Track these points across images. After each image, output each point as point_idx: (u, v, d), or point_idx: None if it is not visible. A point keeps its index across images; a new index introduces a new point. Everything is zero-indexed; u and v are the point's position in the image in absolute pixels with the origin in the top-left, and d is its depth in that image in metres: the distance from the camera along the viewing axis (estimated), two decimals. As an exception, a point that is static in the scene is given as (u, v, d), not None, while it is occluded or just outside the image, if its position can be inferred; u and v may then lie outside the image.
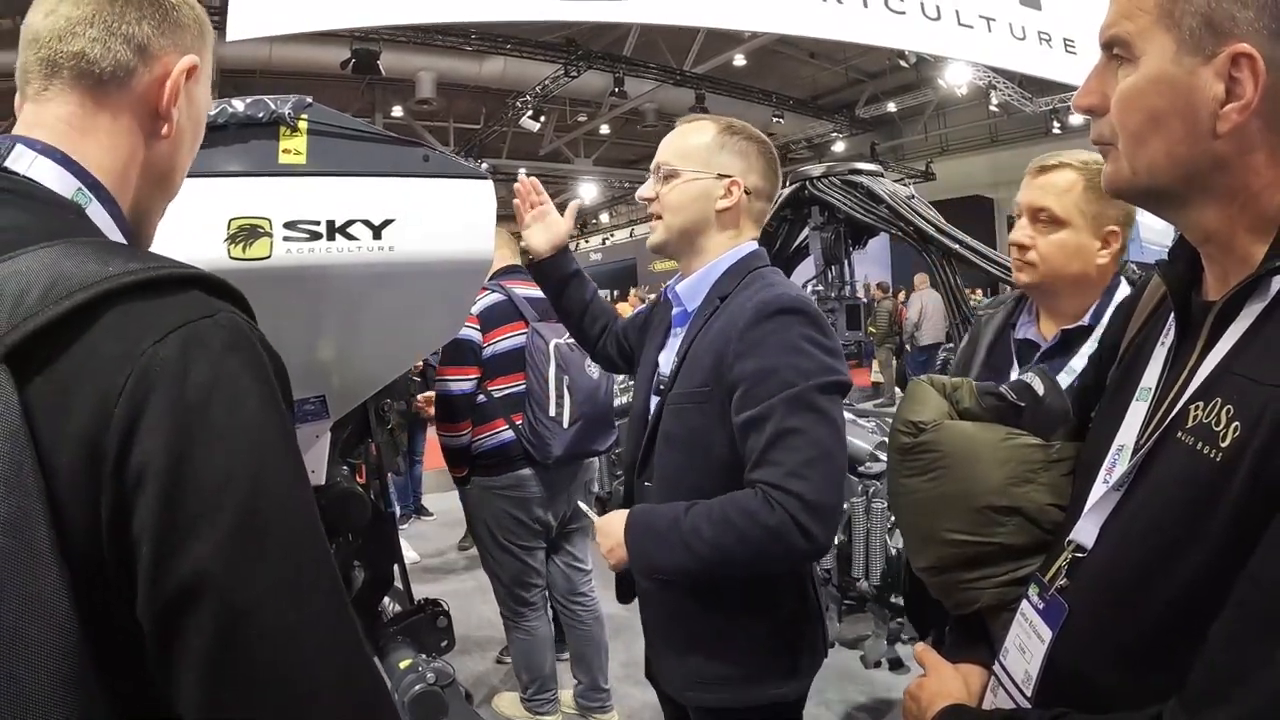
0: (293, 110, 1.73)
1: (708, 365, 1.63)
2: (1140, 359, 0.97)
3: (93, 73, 0.89)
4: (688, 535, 1.53)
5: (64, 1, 0.90)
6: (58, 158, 0.87)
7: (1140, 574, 0.81)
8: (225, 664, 0.68)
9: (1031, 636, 0.95)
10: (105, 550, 0.68)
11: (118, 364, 0.68)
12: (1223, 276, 0.86)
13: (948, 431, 1.17)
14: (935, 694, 1.07)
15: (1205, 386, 0.81)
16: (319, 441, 2.18)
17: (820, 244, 4.86)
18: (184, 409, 0.69)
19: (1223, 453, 0.74)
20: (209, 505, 0.68)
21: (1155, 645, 0.79)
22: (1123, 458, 0.91)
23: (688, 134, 1.79)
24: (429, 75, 13.89)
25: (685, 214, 1.75)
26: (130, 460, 0.67)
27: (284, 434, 0.77)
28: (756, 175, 1.77)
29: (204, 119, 1.05)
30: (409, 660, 2.38)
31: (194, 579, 0.67)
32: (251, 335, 0.78)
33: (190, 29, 0.98)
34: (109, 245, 0.81)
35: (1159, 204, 0.88)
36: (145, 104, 0.93)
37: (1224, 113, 0.78)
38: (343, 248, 1.71)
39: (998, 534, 1.09)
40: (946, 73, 14.91)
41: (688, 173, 1.73)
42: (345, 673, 0.75)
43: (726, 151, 1.74)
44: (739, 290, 1.69)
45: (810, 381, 1.52)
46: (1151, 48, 0.81)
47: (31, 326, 0.66)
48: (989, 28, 5.23)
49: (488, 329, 3.30)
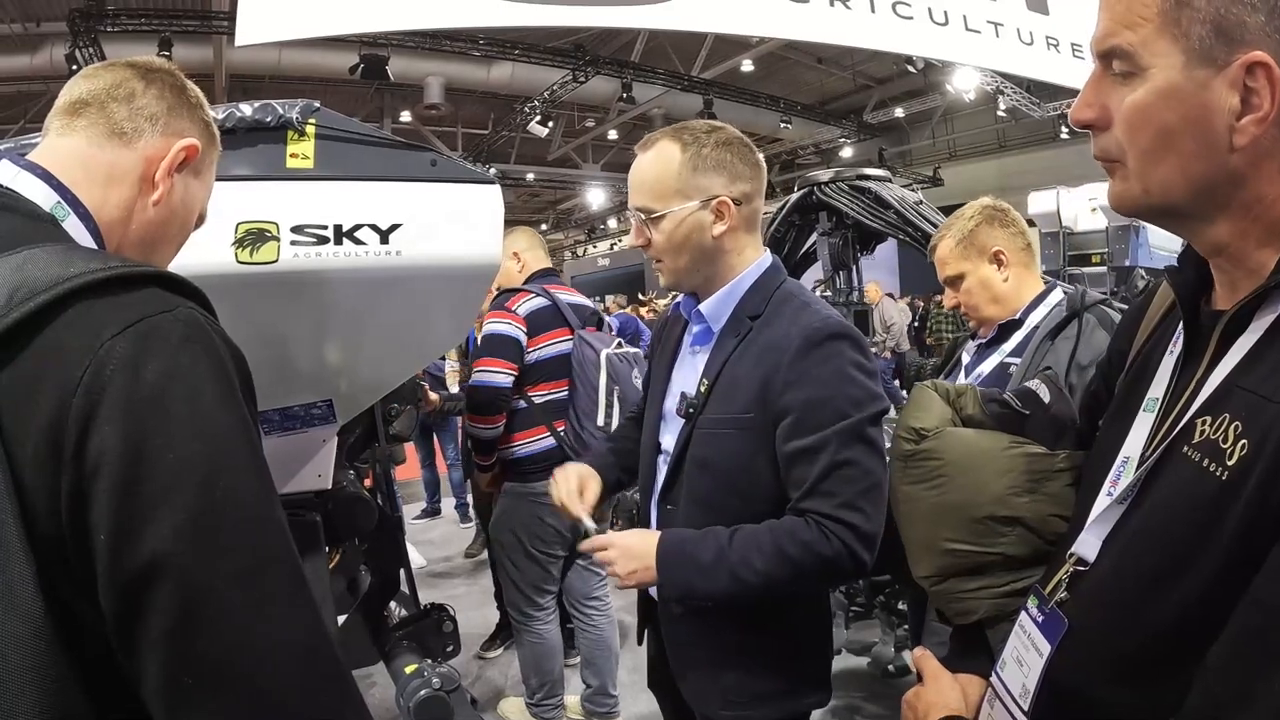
0: (300, 115, 1.73)
1: (752, 392, 1.58)
2: (1148, 368, 0.95)
3: (109, 123, 1.02)
4: (736, 566, 1.50)
5: (106, 72, 1.06)
6: (39, 173, 0.95)
7: (1142, 590, 0.79)
8: (185, 646, 0.70)
9: (1030, 650, 0.93)
10: (66, 537, 0.70)
11: (77, 357, 0.72)
12: (1232, 286, 0.83)
13: (950, 439, 1.16)
14: (932, 704, 1.06)
15: (1213, 400, 0.79)
16: (326, 445, 2.18)
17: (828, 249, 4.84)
18: (140, 400, 0.72)
19: (1229, 471, 0.72)
20: (165, 492, 0.71)
21: (1155, 663, 0.77)
22: (1127, 470, 0.89)
23: (652, 164, 1.63)
24: (437, 80, 13.90)
25: (685, 253, 1.64)
26: (88, 449, 0.70)
27: (242, 425, 0.80)
28: (741, 180, 1.63)
29: (194, 217, 1.14)
30: (414, 665, 2.38)
31: (151, 563, 0.69)
32: (210, 330, 0.81)
33: (201, 125, 1.12)
34: (73, 248, 0.85)
35: (1171, 221, 0.85)
36: (145, 166, 1.04)
37: (1241, 125, 0.74)
38: (350, 252, 1.72)
39: (999, 544, 1.08)
40: (954, 78, 14.87)
41: (671, 211, 1.61)
42: (304, 657, 0.77)
43: (701, 171, 1.60)
44: (773, 311, 1.64)
45: (863, 413, 1.53)
46: (1159, 59, 0.77)
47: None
48: (997, 33, 5.21)
49: (534, 333, 3.24)
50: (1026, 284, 2.15)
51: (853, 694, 3.64)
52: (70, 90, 1.05)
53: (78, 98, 1.03)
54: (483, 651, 4.40)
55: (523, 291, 3.32)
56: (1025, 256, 2.15)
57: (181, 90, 1.10)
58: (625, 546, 1.60)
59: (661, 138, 1.65)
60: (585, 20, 4.34)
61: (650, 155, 1.65)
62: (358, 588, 2.72)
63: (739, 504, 1.60)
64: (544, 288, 3.34)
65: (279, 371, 1.89)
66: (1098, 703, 0.83)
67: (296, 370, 1.94)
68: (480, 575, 5.58)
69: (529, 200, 25.98)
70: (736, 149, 1.64)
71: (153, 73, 1.08)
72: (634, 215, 1.66)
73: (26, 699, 0.65)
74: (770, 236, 5.14)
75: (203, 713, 0.71)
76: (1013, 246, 2.13)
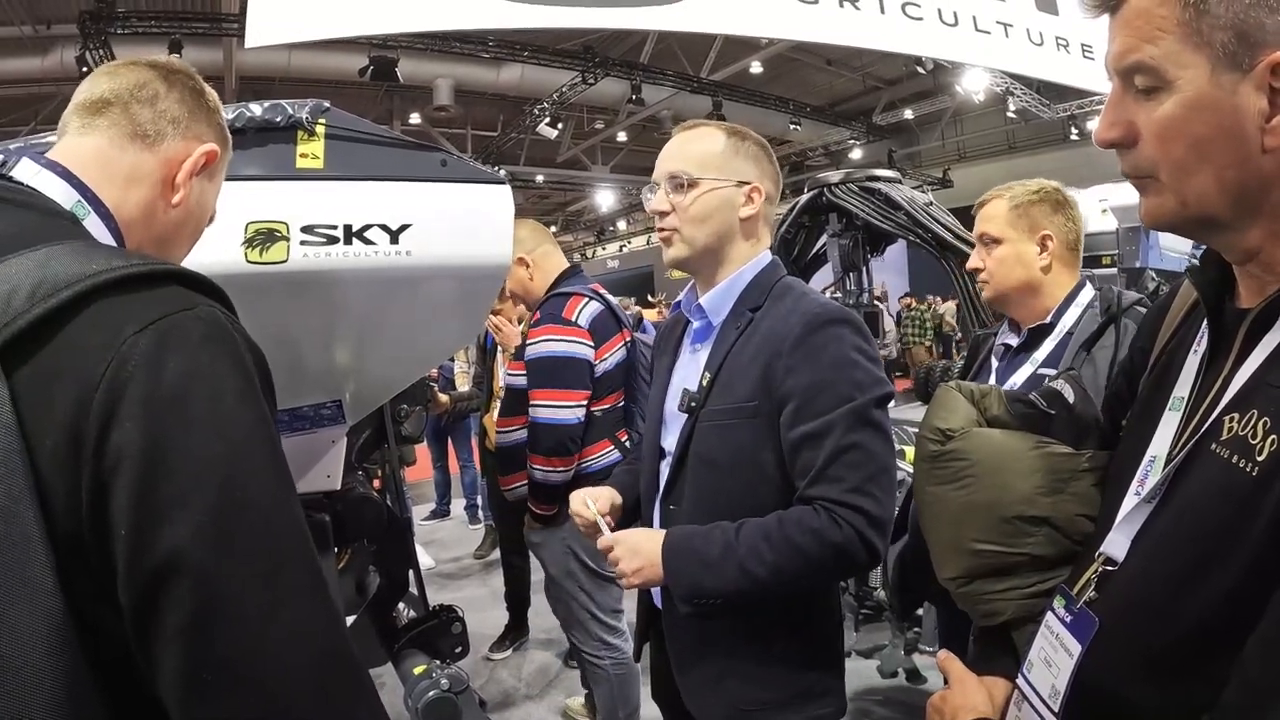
0: (310, 114, 1.73)
1: (753, 379, 1.57)
2: (1172, 367, 0.95)
3: (132, 124, 1.03)
4: (745, 559, 1.48)
5: (128, 71, 1.06)
6: (59, 171, 0.96)
7: (1173, 588, 0.79)
8: (203, 642, 0.70)
9: (1058, 650, 0.92)
10: (85, 532, 0.70)
11: (98, 354, 0.72)
12: (1258, 284, 0.83)
13: (976, 439, 1.14)
14: (959, 707, 1.05)
15: (1240, 397, 0.79)
16: (335, 446, 2.18)
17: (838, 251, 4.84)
18: (161, 397, 0.72)
19: (1259, 466, 0.72)
20: (185, 489, 0.71)
21: (1188, 661, 0.77)
22: (1155, 469, 0.89)
23: (698, 140, 1.69)
24: (446, 82, 13.94)
25: (709, 225, 1.66)
26: (108, 445, 0.70)
27: (262, 424, 0.80)
28: (769, 181, 1.71)
29: (206, 217, 1.15)
30: (423, 666, 2.37)
31: (170, 559, 0.70)
32: (231, 328, 0.81)
33: (217, 129, 1.13)
34: (94, 245, 0.86)
35: (1207, 231, 0.85)
36: (165, 169, 1.05)
37: (1271, 126, 0.74)
38: (360, 252, 1.71)
39: (1026, 545, 1.07)
40: (964, 79, 14.84)
41: (708, 180, 1.64)
42: (321, 654, 0.77)
43: (741, 157, 1.68)
44: (772, 302, 1.64)
45: (867, 395, 1.52)
46: (1184, 71, 0.76)
47: (19, 325, 0.70)
48: (1006, 33, 5.18)
49: (599, 344, 2.89)
50: (1062, 279, 2.08)
51: (862, 698, 3.62)
52: (91, 87, 1.05)
53: (100, 96, 1.03)
54: (491, 653, 4.39)
55: (575, 296, 2.94)
56: (1069, 255, 2.09)
57: (200, 94, 1.11)
58: (631, 545, 1.58)
59: (706, 124, 1.74)
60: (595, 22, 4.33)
61: (695, 133, 1.72)
62: (366, 589, 2.71)
63: (745, 498, 1.57)
64: (592, 289, 3.02)
65: (288, 372, 1.88)
66: (1128, 702, 0.83)
67: (306, 370, 1.93)
68: (489, 577, 5.58)
69: (538, 202, 26.02)
70: (768, 152, 1.75)
71: (173, 74, 1.09)
72: (666, 181, 1.68)
73: (40, 696, 0.65)
74: (780, 238, 5.14)
75: (218, 708, 0.71)
76: (1062, 236, 2.06)
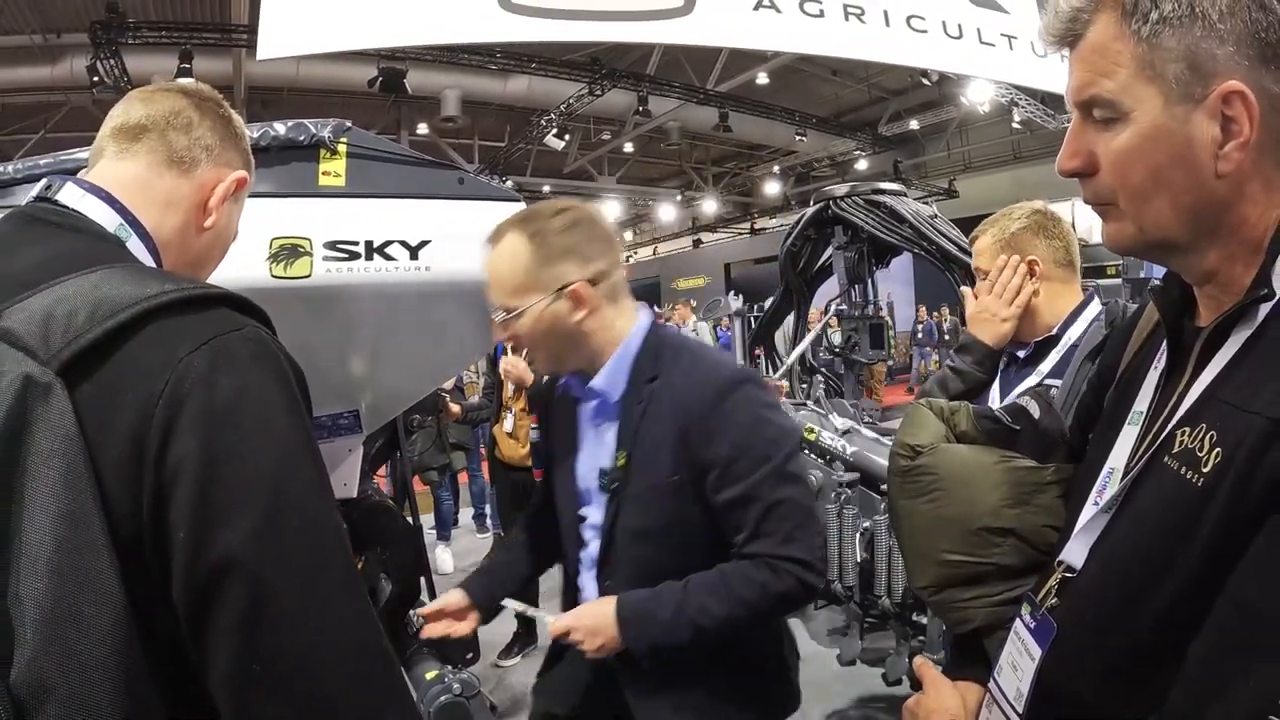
0: (332, 134, 1.78)
1: (671, 450, 1.60)
2: (1135, 383, 0.98)
3: (169, 151, 1.08)
4: (696, 616, 1.56)
5: (163, 98, 1.11)
6: (103, 196, 1.01)
7: (1126, 595, 0.82)
8: (252, 637, 0.76)
9: (1023, 655, 0.96)
10: (145, 536, 0.76)
11: (158, 371, 0.77)
12: (1215, 303, 0.86)
13: (944, 455, 1.19)
14: (932, 710, 1.09)
15: (1192, 412, 0.82)
16: (352, 455, 2.22)
17: (844, 263, 4.89)
18: (216, 411, 0.78)
19: (1204, 478, 0.75)
20: (238, 498, 0.77)
21: (1140, 664, 0.80)
22: (1113, 481, 0.92)
23: (502, 260, 1.60)
24: (454, 93, 13.98)
25: (554, 343, 1.63)
26: (169, 455, 0.76)
27: (306, 437, 0.87)
28: (594, 260, 1.61)
29: (232, 238, 1.21)
30: (434, 672, 2.40)
31: (224, 562, 0.75)
32: (275, 348, 0.88)
33: (244, 155, 1.19)
34: (144, 269, 0.93)
35: (1165, 254, 0.88)
36: (199, 194, 1.11)
37: (1224, 153, 0.77)
38: (381, 267, 1.76)
39: (993, 555, 1.11)
40: (969, 90, 14.88)
41: (529, 306, 1.57)
42: (358, 648, 0.83)
43: (550, 261, 1.57)
44: (668, 367, 1.64)
45: (783, 451, 1.61)
46: (1140, 103, 0.80)
47: (82, 344, 0.76)
48: (1010, 45, 5.21)
49: None
50: (1062, 298, 2.08)
51: (867, 705, 3.64)
52: (127, 113, 1.09)
53: (136, 122, 1.08)
54: (499, 660, 4.43)
55: None
56: (1063, 271, 2.10)
57: (229, 121, 1.16)
58: (589, 627, 1.62)
59: (509, 229, 1.61)
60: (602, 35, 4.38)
61: (499, 250, 1.61)
62: (378, 596, 2.75)
63: (680, 559, 1.64)
64: None
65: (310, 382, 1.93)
66: (1087, 703, 0.86)
67: (326, 381, 1.98)
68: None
69: (544, 212, 25.96)
70: (584, 228, 1.62)
71: (205, 102, 1.14)
72: (494, 314, 1.63)
73: (106, 687, 0.70)
74: (786, 250, 5.19)
75: (265, 698, 0.77)
76: (1050, 259, 2.07)
